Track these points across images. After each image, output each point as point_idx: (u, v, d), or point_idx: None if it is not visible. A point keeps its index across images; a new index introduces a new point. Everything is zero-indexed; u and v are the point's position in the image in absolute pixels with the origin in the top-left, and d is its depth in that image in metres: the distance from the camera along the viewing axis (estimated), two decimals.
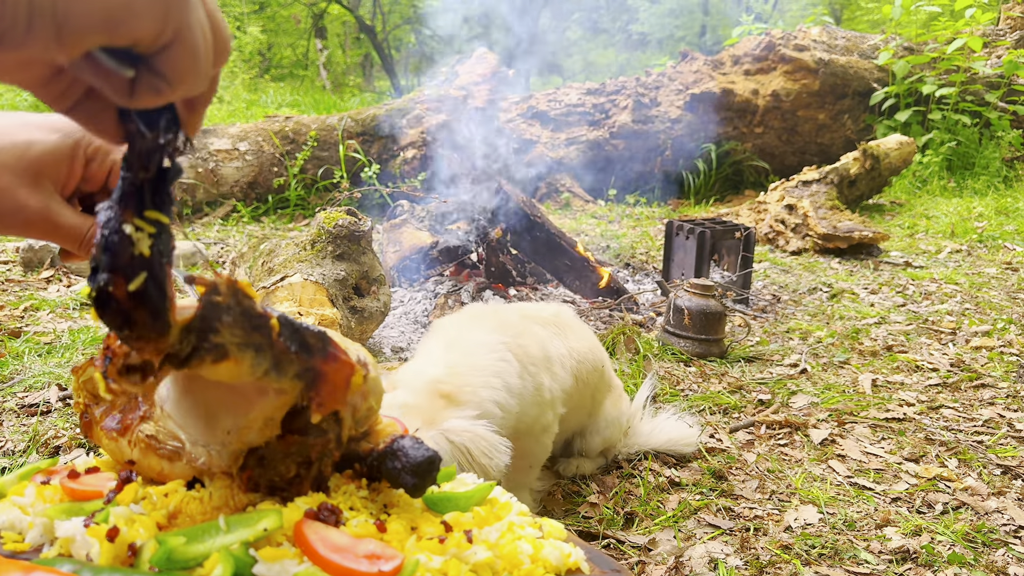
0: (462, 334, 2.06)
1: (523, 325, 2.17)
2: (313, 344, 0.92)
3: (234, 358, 0.82)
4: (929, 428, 2.98)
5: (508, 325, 2.12)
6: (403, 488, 1.01)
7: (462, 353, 1.96)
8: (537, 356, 2.09)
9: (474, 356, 1.94)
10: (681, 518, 2.29)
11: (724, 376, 3.51)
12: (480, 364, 1.93)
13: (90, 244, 0.97)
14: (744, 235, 4.78)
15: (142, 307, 0.73)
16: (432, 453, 1.01)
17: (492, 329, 2.06)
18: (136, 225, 0.73)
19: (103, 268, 0.72)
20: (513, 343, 2.05)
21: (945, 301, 4.77)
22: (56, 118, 0.94)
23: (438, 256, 4.91)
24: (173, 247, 0.79)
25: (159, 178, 0.74)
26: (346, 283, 3.51)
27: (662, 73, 9.66)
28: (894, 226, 7.22)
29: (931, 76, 9.15)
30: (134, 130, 0.71)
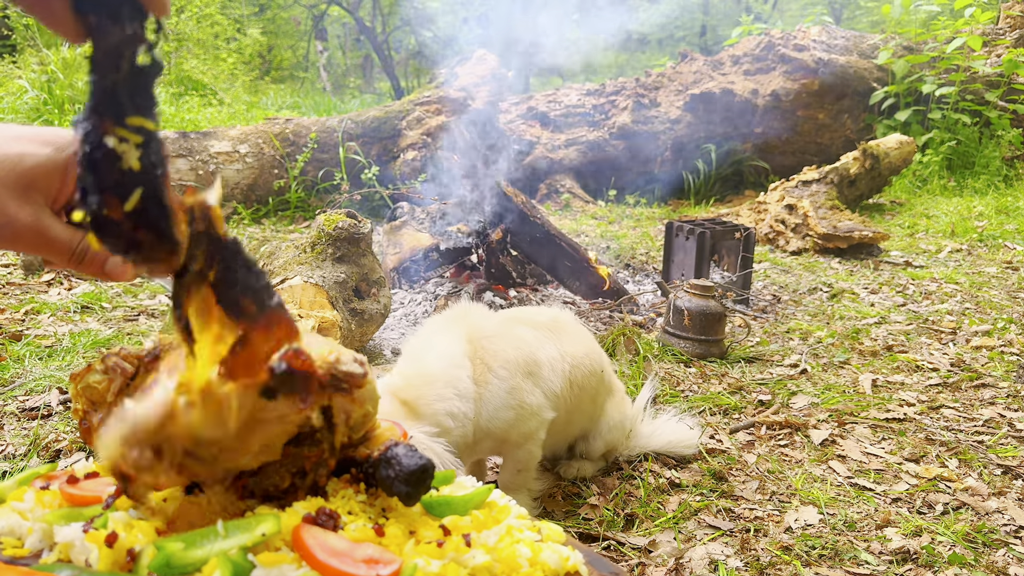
0: (428, 339, 2.07)
1: (500, 328, 2.15)
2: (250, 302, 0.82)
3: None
4: (929, 428, 2.98)
5: (479, 328, 2.10)
6: (396, 496, 1.01)
7: (417, 361, 1.96)
8: (512, 359, 2.07)
9: (428, 367, 1.94)
10: (681, 519, 2.29)
11: (724, 377, 3.51)
12: (432, 373, 1.92)
13: (79, 259, 0.96)
14: (744, 235, 4.77)
15: (143, 227, 0.67)
16: (426, 461, 1.00)
17: (458, 334, 2.05)
18: (119, 136, 0.64)
19: (91, 190, 0.63)
20: (479, 346, 2.04)
21: (945, 301, 4.77)
22: (49, 131, 0.94)
23: (438, 258, 4.91)
24: (166, 155, 0.70)
25: (136, 77, 0.64)
26: (346, 285, 3.52)
27: (662, 74, 9.66)
28: (894, 226, 7.22)
29: (931, 75, 9.15)
30: (94, 22, 0.61)
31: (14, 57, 12.51)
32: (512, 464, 2.20)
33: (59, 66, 8.29)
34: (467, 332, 2.05)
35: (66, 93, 8.01)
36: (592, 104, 9.29)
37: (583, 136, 9.00)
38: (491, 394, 2.01)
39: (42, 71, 8.27)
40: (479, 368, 2.00)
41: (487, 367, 2.01)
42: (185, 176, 6.46)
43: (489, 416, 2.01)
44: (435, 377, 1.92)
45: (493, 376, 2.01)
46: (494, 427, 2.03)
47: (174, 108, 10.13)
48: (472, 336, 2.05)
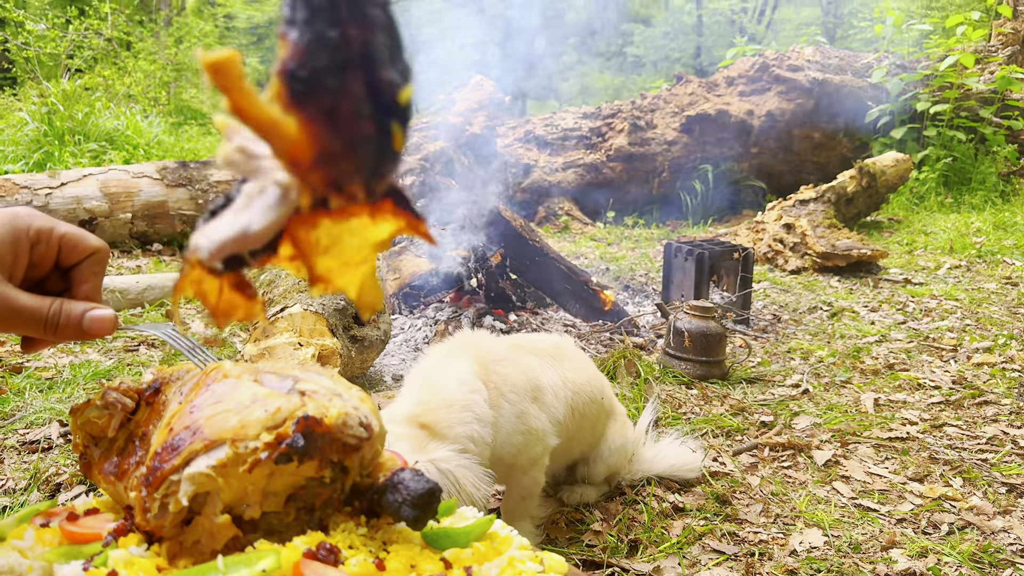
0: (438, 368, 2.06)
1: (507, 353, 2.15)
2: None
3: None
4: (933, 447, 2.97)
5: (488, 353, 2.10)
6: (404, 521, 1.01)
7: (432, 390, 1.95)
8: (520, 385, 2.08)
9: (445, 391, 1.93)
10: (686, 544, 2.27)
11: (726, 398, 3.50)
12: (450, 398, 1.91)
13: (55, 325, 0.95)
14: (742, 255, 4.79)
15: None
16: (432, 485, 1.01)
17: (469, 359, 2.05)
18: None
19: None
20: (491, 371, 2.04)
21: (945, 318, 4.77)
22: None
23: (438, 282, 4.92)
24: None
25: None
26: (346, 312, 3.52)
27: (657, 96, 9.74)
28: (892, 243, 7.24)
29: (925, 93, 9.22)
30: None
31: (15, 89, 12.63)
32: (516, 491, 2.19)
33: (59, 98, 8.36)
34: (477, 357, 2.05)
35: (66, 125, 8.06)
36: (589, 127, 9.35)
37: (580, 159, 9.05)
38: (504, 419, 2.01)
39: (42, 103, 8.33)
40: (493, 393, 2.00)
41: (499, 392, 2.02)
42: (185, 205, 6.48)
43: (502, 441, 2.01)
44: (453, 401, 1.90)
45: (505, 401, 2.01)
46: (505, 452, 2.03)
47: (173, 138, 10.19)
48: (483, 361, 2.05)
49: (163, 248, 6.41)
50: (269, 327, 3.33)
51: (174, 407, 1.04)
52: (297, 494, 1.00)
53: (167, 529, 0.96)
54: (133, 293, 4.73)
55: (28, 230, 0.93)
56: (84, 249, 0.97)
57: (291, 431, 0.96)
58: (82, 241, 0.97)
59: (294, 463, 0.97)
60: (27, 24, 12.99)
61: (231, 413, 0.98)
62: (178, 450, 0.96)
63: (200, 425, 0.97)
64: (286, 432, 0.96)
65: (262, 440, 0.95)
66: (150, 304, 4.73)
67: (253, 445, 0.95)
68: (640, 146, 9.03)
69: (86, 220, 6.13)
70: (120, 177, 6.36)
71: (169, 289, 4.90)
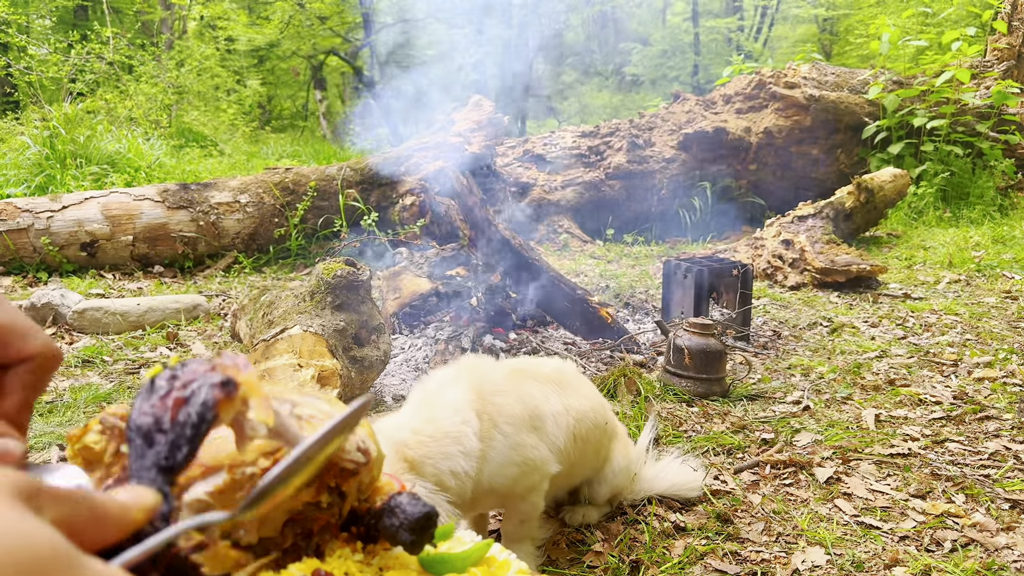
0: (436, 393, 2.05)
1: (506, 383, 2.14)
2: None
3: None
4: (935, 463, 2.96)
5: (486, 381, 2.09)
6: (401, 545, 1.01)
7: (426, 419, 1.94)
8: (517, 415, 2.06)
9: (437, 421, 1.93)
10: (687, 564, 2.26)
11: (727, 416, 3.49)
12: (442, 429, 1.91)
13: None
14: (741, 272, 4.79)
15: None
16: (430, 509, 1.01)
17: (466, 387, 2.04)
18: None
19: None
20: (487, 401, 2.03)
21: (946, 332, 4.77)
22: None
23: (438, 302, 4.93)
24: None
25: None
26: (346, 333, 3.52)
27: (655, 114, 9.80)
28: (892, 258, 7.25)
29: (921, 108, 9.27)
30: None
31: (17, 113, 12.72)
32: (515, 516, 2.19)
33: (61, 121, 8.41)
34: (475, 385, 2.04)
35: (68, 148, 8.11)
36: (587, 145, 9.40)
37: (579, 177, 9.09)
38: (495, 451, 2.00)
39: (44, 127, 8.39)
40: (486, 424, 1.99)
41: (493, 423, 2.00)
42: (186, 227, 6.51)
43: (492, 473, 1.99)
44: (444, 433, 1.90)
45: (498, 432, 2.00)
46: (497, 484, 2.01)
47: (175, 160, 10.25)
48: (480, 390, 2.04)
49: (164, 270, 6.43)
50: (269, 349, 3.34)
51: None
52: (294, 519, 1.00)
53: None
54: (134, 316, 4.74)
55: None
56: (19, 350, 0.71)
57: None
58: (19, 340, 0.71)
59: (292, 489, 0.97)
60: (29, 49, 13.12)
61: (228, 439, 0.99)
62: None
63: None
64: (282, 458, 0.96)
65: (259, 466, 0.95)
66: (151, 327, 4.74)
67: (251, 471, 0.95)
68: (639, 164, 9.07)
69: (88, 243, 6.15)
70: (121, 200, 6.39)
71: (169, 311, 4.91)
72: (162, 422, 0.69)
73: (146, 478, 0.65)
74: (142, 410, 0.68)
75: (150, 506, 0.64)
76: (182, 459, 0.67)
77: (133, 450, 0.67)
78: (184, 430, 0.68)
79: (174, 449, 0.67)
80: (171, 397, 0.68)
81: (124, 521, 0.59)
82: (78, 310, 4.64)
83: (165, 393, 0.71)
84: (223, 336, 4.59)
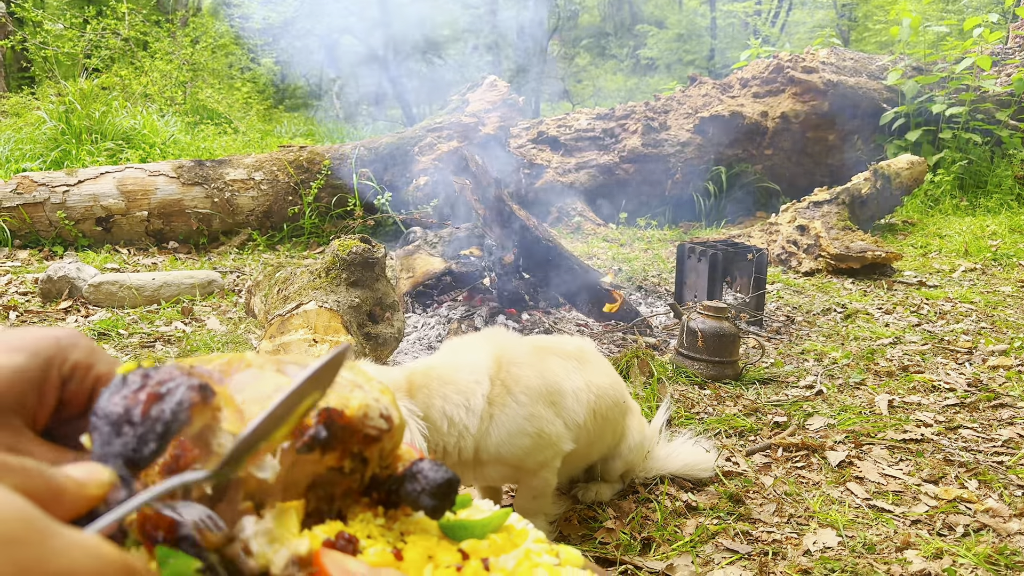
0: (460, 351, 2.13)
1: (528, 356, 2.16)
2: None
3: None
4: (948, 449, 2.96)
5: (507, 352, 2.13)
6: (422, 510, 1.02)
7: (443, 363, 2.04)
8: (534, 387, 2.08)
9: (451, 370, 2.01)
10: (699, 543, 2.27)
11: (739, 399, 3.49)
12: (450, 376, 1.99)
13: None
14: (756, 257, 4.77)
15: None
16: (451, 475, 1.02)
17: (488, 354, 2.10)
18: None
19: None
20: (504, 370, 2.07)
21: (960, 320, 4.74)
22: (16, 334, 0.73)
23: (451, 281, 4.94)
24: None
25: None
26: (360, 310, 3.54)
27: (671, 97, 9.73)
28: (906, 246, 7.19)
29: (941, 95, 9.16)
30: None
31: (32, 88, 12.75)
32: (528, 491, 2.20)
33: (76, 97, 8.43)
34: (496, 353, 2.09)
35: (83, 123, 8.14)
36: (602, 128, 9.35)
37: (593, 160, 9.05)
38: (507, 417, 2.01)
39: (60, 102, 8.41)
40: (498, 389, 2.01)
41: (507, 390, 2.03)
42: (200, 203, 6.53)
43: (501, 440, 2.01)
44: (451, 380, 1.97)
45: (512, 400, 2.02)
46: (507, 452, 2.03)
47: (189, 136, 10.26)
48: (500, 358, 2.08)
49: (179, 246, 6.46)
50: (284, 323, 3.36)
51: None
52: (317, 484, 1.01)
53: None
54: (149, 290, 4.77)
55: (63, 365, 0.75)
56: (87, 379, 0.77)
57: (313, 422, 0.97)
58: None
59: (316, 453, 0.98)
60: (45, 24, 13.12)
61: (253, 402, 0.99)
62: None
63: None
64: (308, 423, 0.97)
65: None
66: (166, 301, 4.77)
67: None
68: (653, 147, 9.02)
69: (103, 217, 6.19)
70: (137, 175, 6.41)
71: (184, 286, 4.94)
72: (132, 414, 0.68)
73: (110, 465, 0.64)
74: (112, 400, 0.67)
75: (106, 482, 0.61)
76: (149, 454, 0.66)
77: (98, 436, 0.66)
78: (155, 425, 0.67)
79: (142, 443, 0.66)
80: (144, 391, 0.68)
81: (80, 496, 0.56)
82: (94, 284, 4.68)
83: (138, 388, 0.70)
84: (237, 312, 4.62)
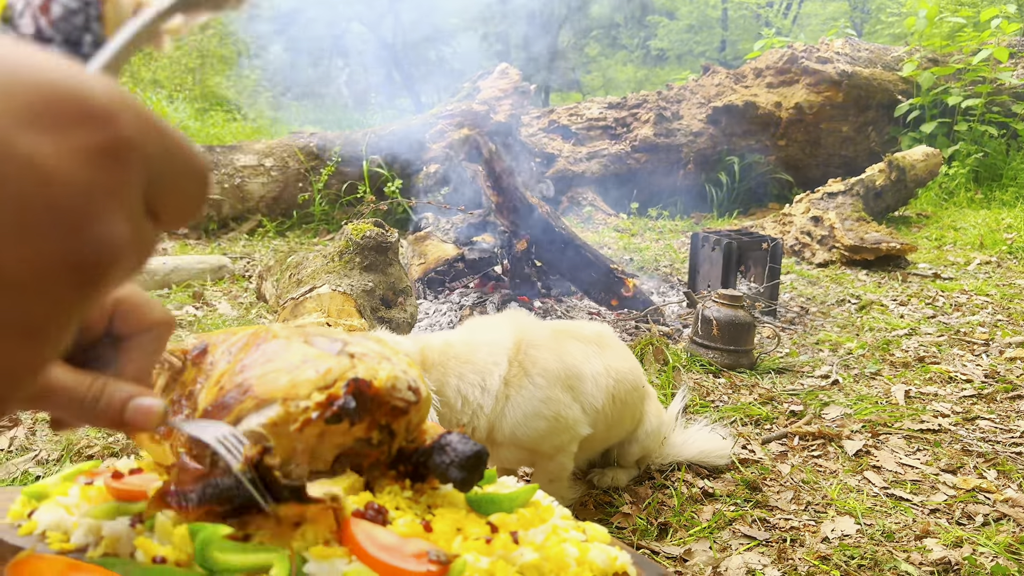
0: (480, 330, 2.14)
1: (548, 339, 2.15)
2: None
3: None
4: (965, 439, 2.92)
5: (527, 335, 2.12)
6: (451, 482, 1.01)
7: (462, 341, 2.04)
8: (552, 370, 2.06)
9: (471, 350, 2.01)
10: (716, 529, 2.25)
11: (754, 387, 3.46)
12: (469, 357, 1.98)
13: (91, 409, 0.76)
14: (771, 246, 4.74)
15: None
16: (480, 448, 1.01)
17: (509, 335, 2.10)
18: None
19: None
20: (523, 352, 2.06)
21: (976, 312, 4.70)
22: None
23: (463, 268, 4.92)
24: None
25: None
26: (373, 294, 3.52)
27: (684, 87, 9.66)
28: (921, 238, 7.13)
29: (956, 87, 9.07)
30: None
31: None
32: (543, 475, 2.19)
33: None
34: (516, 335, 2.07)
35: None
36: (614, 117, 9.30)
37: (605, 149, 9.00)
38: (523, 399, 2.00)
39: None
40: (515, 370, 2.00)
41: (525, 372, 2.01)
42: None
43: (517, 422, 2.00)
44: (469, 359, 1.97)
45: (529, 382, 2.00)
46: (522, 435, 2.01)
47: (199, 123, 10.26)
48: (520, 341, 2.06)
49: (188, 231, 6.46)
50: (297, 307, 3.35)
51: (222, 367, 1.04)
52: (345, 455, 1.00)
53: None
54: (161, 274, 4.77)
55: None
56: (142, 321, 0.80)
57: (342, 392, 0.96)
58: (141, 311, 0.79)
59: (345, 424, 0.97)
60: None
61: (282, 372, 0.98)
62: (228, 408, 0.96)
63: (251, 384, 0.97)
64: (337, 393, 0.96)
65: (313, 400, 0.95)
66: (177, 285, 4.76)
67: (304, 404, 0.95)
68: (665, 137, 8.97)
69: None
70: None
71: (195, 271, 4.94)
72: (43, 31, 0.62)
73: None
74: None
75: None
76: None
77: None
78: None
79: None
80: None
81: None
82: None
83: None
84: (248, 296, 4.61)
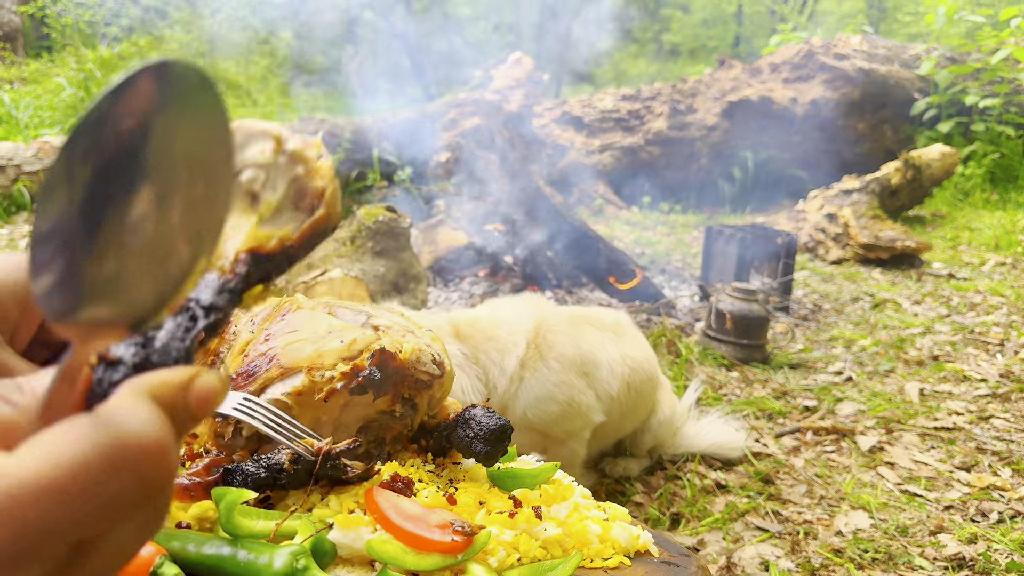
0: (502, 309, 2.17)
1: (565, 325, 2.15)
2: None
3: None
4: (980, 437, 2.90)
5: (546, 319, 2.12)
6: (474, 456, 1.00)
7: (489, 318, 2.08)
8: (568, 355, 2.06)
9: (495, 327, 2.05)
10: (728, 520, 2.24)
11: (767, 382, 3.44)
12: (492, 335, 2.01)
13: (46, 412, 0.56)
14: (785, 241, 4.71)
15: None
16: (505, 422, 1.00)
17: (529, 318, 2.11)
18: None
19: None
20: (540, 336, 2.07)
21: (991, 312, 4.66)
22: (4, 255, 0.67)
23: (474, 256, 4.90)
24: None
25: None
26: (385, 279, 3.51)
27: (699, 80, 9.60)
28: (936, 238, 7.08)
29: (974, 87, 8.98)
30: None
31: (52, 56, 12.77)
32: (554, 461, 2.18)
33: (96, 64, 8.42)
34: (536, 320, 2.08)
35: None
36: (627, 109, 9.25)
37: (617, 141, 8.96)
38: (537, 382, 1.99)
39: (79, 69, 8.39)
40: (531, 353, 1.99)
41: (541, 355, 2.01)
42: None
43: (529, 404, 1.99)
44: (493, 336, 2.00)
45: (544, 366, 2.00)
46: (534, 417, 2.01)
47: None
48: (539, 325, 2.06)
49: None
50: (308, 291, 3.34)
51: (246, 336, 1.03)
52: (368, 426, 0.99)
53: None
54: None
55: None
56: None
57: (367, 363, 0.95)
58: None
59: (369, 395, 0.96)
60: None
61: (307, 342, 0.97)
62: (254, 376, 0.95)
63: (276, 353, 0.96)
64: (362, 364, 0.95)
65: (338, 370, 0.94)
66: None
67: (329, 374, 0.94)
68: (679, 130, 8.92)
69: None
70: None
71: None
72: None
73: None
74: None
75: None
76: None
77: None
78: None
79: None
80: None
81: None
82: None
83: None
84: None
